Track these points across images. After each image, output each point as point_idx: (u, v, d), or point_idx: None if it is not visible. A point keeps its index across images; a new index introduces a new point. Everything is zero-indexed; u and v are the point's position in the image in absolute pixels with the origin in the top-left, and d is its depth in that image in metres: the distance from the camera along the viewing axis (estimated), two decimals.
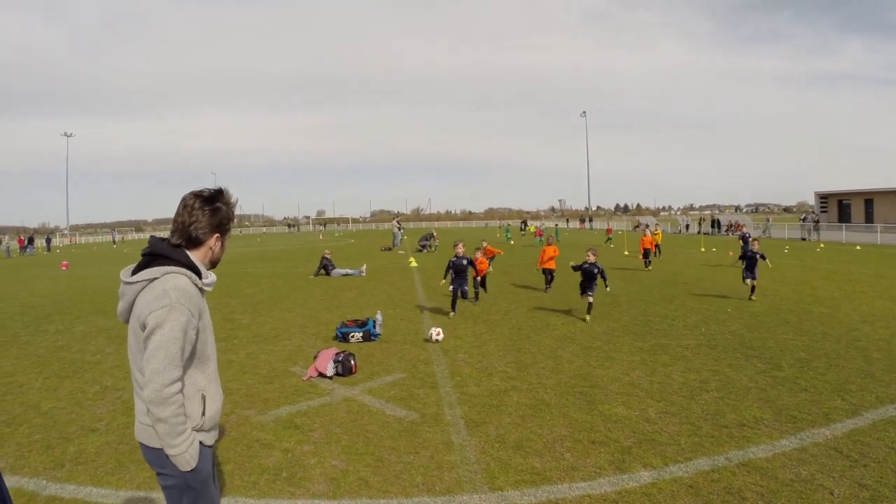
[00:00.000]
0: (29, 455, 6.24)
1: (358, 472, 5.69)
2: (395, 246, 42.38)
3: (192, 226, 3.15)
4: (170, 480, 3.09)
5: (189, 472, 3.05)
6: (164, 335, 2.91)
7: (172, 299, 2.94)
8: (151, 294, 2.97)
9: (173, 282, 2.99)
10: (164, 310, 2.92)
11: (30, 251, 58.61)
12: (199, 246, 3.21)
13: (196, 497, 3.14)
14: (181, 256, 3.12)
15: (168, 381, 2.91)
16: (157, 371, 2.89)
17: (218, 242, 3.28)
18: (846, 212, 59.91)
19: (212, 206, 3.20)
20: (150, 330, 2.92)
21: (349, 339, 11.32)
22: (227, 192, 3.32)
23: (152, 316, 2.92)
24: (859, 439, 6.07)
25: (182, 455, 2.99)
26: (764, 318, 12.62)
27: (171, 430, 2.94)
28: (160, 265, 3.06)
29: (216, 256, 3.32)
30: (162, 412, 2.91)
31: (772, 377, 8.29)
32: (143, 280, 3.04)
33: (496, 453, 6.04)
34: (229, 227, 3.33)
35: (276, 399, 7.93)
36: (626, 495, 5.11)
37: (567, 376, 8.67)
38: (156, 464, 3.11)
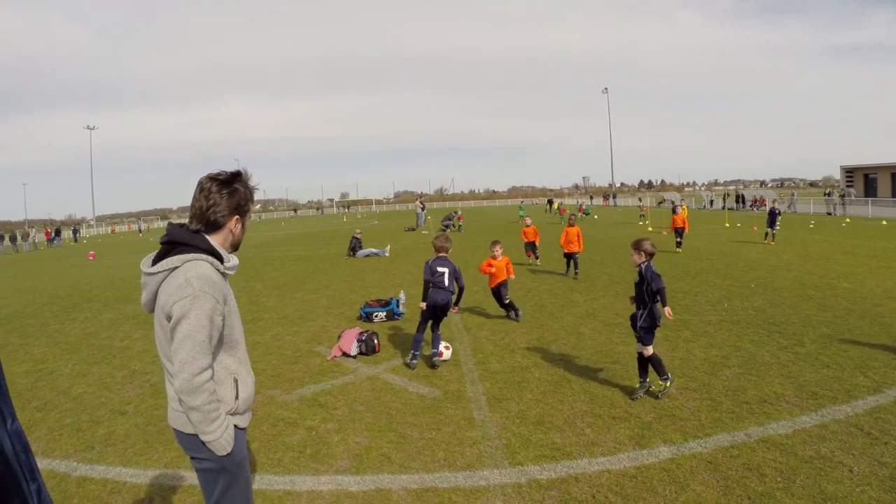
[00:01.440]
0: (60, 438, 6.40)
1: (380, 448, 5.79)
2: (418, 226, 42.52)
3: (211, 210, 3.10)
4: (205, 464, 3.10)
5: (225, 457, 3.07)
6: (190, 325, 2.88)
7: (196, 288, 2.90)
8: (174, 284, 2.94)
9: (195, 269, 2.96)
10: (189, 299, 2.88)
11: (57, 243, 59.36)
12: (218, 230, 3.16)
13: (232, 480, 3.16)
14: (201, 242, 3.07)
15: (198, 369, 2.89)
16: (186, 361, 2.87)
17: (238, 224, 3.22)
18: (872, 186, 58.90)
19: (229, 188, 3.14)
20: (177, 320, 2.89)
21: (373, 319, 11.43)
22: (245, 173, 3.26)
23: (177, 306, 2.89)
24: (881, 417, 6.03)
25: (218, 441, 2.99)
26: (787, 293, 12.52)
27: (205, 417, 2.94)
28: (180, 253, 3.02)
29: (237, 239, 3.27)
30: (194, 401, 2.90)
31: (794, 353, 8.25)
32: (164, 270, 3.01)
33: (517, 429, 6.11)
34: (248, 209, 3.27)
35: (301, 378, 8.05)
36: (645, 471, 5.15)
37: (589, 352, 8.70)
38: (190, 448, 3.12)
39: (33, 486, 2.94)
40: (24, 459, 2.94)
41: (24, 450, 2.96)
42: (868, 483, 4.76)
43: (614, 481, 5.00)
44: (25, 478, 2.91)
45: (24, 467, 2.92)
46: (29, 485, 2.92)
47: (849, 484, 4.76)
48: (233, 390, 3.13)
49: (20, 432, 2.95)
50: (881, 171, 58.18)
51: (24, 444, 2.97)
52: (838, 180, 72.01)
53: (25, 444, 2.98)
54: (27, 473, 2.92)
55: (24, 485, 2.90)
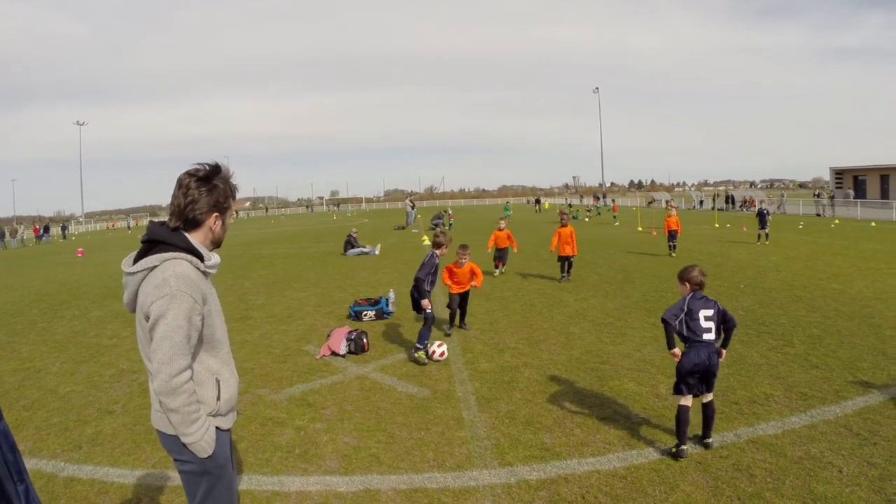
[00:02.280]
0: (47, 438, 6.35)
1: (369, 448, 5.77)
2: (408, 225, 42.53)
3: (189, 207, 3.03)
4: (187, 466, 3.04)
5: (206, 458, 3.00)
6: (167, 325, 2.82)
7: (173, 287, 2.84)
8: (152, 283, 2.88)
9: (173, 269, 2.89)
10: (166, 299, 2.82)
11: (45, 239, 59.05)
12: (198, 227, 3.09)
13: (214, 482, 3.09)
14: (180, 241, 3.00)
15: (176, 370, 2.82)
16: (163, 362, 2.81)
17: (218, 222, 3.15)
18: (861, 187, 59.26)
19: (208, 184, 3.07)
20: (154, 320, 2.84)
21: (362, 318, 11.41)
22: (225, 168, 3.19)
23: (154, 306, 2.83)
24: (870, 417, 6.05)
25: (198, 443, 2.93)
26: (776, 294, 12.56)
27: (184, 419, 2.88)
28: (159, 252, 2.94)
29: (217, 236, 3.20)
30: (173, 402, 2.84)
31: (783, 354, 8.28)
32: (143, 269, 2.93)
33: (506, 429, 6.10)
34: (229, 205, 3.20)
35: (290, 378, 8.02)
36: (634, 471, 5.15)
37: (578, 352, 8.70)
38: (173, 450, 3.05)
39: (21, 486, 2.92)
40: (12, 459, 2.91)
41: (11, 449, 2.93)
42: (857, 483, 4.77)
43: (604, 482, 4.99)
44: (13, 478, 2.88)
45: (12, 467, 2.89)
46: (16, 485, 2.89)
47: (838, 484, 4.77)
48: (214, 391, 3.07)
49: (7, 432, 2.92)
50: (870, 173, 58.54)
51: (10, 443, 2.94)
52: (827, 182, 72.40)
53: (12, 444, 2.95)
54: (14, 474, 2.89)
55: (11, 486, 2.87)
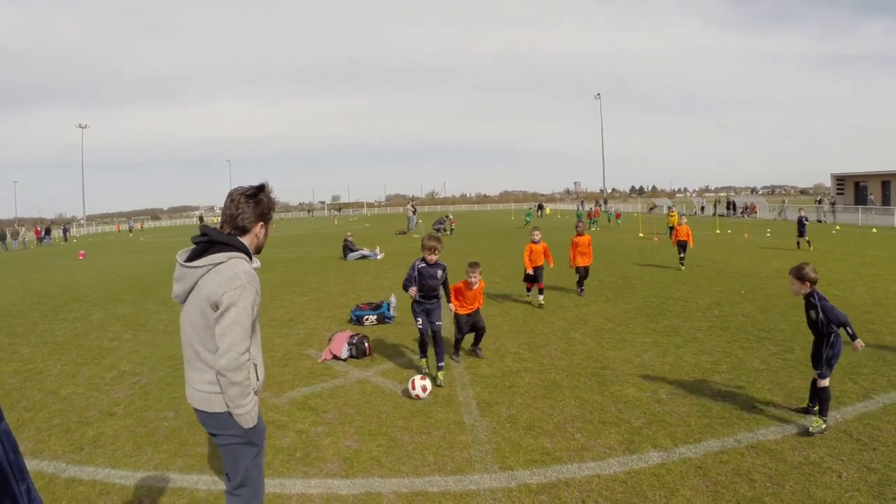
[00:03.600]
0: (49, 439, 6.37)
1: (370, 451, 5.78)
2: (410, 230, 42.49)
3: (239, 217, 3.56)
4: (232, 439, 3.54)
5: (250, 429, 3.53)
6: (238, 312, 3.33)
7: (243, 281, 3.37)
8: (222, 276, 3.36)
9: (241, 266, 3.43)
10: (238, 290, 3.34)
11: (47, 241, 59.05)
12: (246, 234, 3.61)
13: (255, 452, 3.64)
14: (238, 243, 3.53)
15: (243, 349, 3.35)
16: (234, 342, 3.31)
17: (262, 230, 3.68)
18: (863, 193, 59.25)
19: (255, 199, 3.59)
20: (226, 307, 3.32)
21: (363, 322, 11.42)
22: (268, 186, 3.68)
23: (227, 296, 3.32)
24: (869, 423, 6.07)
25: (249, 413, 3.45)
26: (777, 300, 12.57)
27: (243, 391, 3.39)
28: (219, 251, 3.45)
29: (261, 243, 3.72)
30: (237, 376, 3.33)
31: (783, 359, 8.29)
32: (208, 265, 3.41)
33: (507, 433, 6.11)
34: (271, 216, 3.73)
35: (291, 381, 8.03)
36: (635, 475, 5.16)
37: (579, 357, 8.71)
38: (218, 427, 3.53)
39: (23, 486, 2.93)
40: (14, 459, 2.93)
41: (14, 450, 2.95)
42: (857, 489, 4.78)
43: (604, 486, 5.00)
44: (15, 477, 2.90)
45: (14, 467, 2.90)
46: (19, 485, 2.91)
47: (837, 489, 4.78)
48: (255, 373, 3.58)
49: (9, 432, 2.93)
50: (871, 179, 58.52)
51: (13, 444, 2.96)
52: (829, 188, 72.41)
53: (14, 445, 2.97)
54: (17, 473, 2.91)
55: (14, 485, 2.89)
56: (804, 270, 6.33)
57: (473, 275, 8.89)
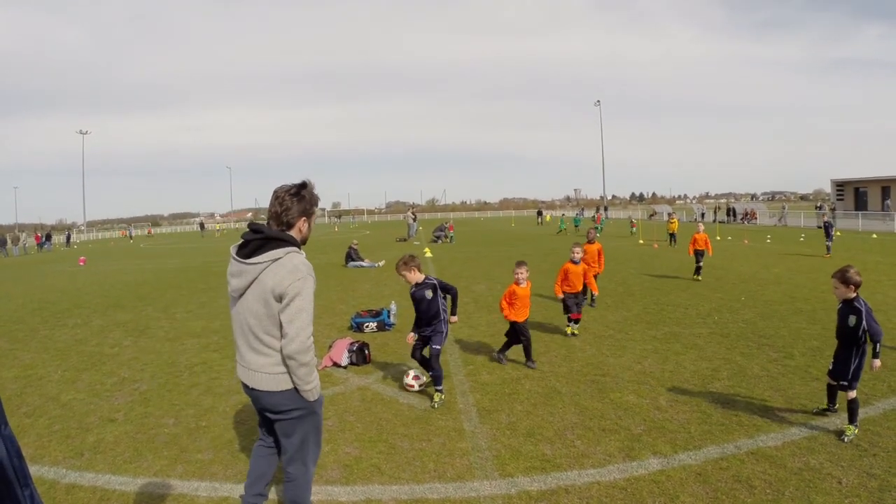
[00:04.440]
0: (49, 445, 6.37)
1: (371, 458, 5.79)
2: (410, 237, 42.49)
3: (284, 213, 3.87)
4: (296, 413, 3.91)
5: (315, 401, 3.93)
6: (304, 300, 3.68)
7: (304, 272, 3.70)
8: (284, 270, 3.68)
9: (299, 258, 3.76)
10: (301, 280, 3.67)
11: (47, 247, 59.06)
12: (291, 228, 3.90)
13: (318, 421, 4.08)
14: (291, 238, 3.84)
15: (310, 333, 3.71)
16: (302, 327, 3.66)
17: (305, 224, 3.98)
18: (863, 199, 59.30)
19: (298, 195, 3.89)
20: (292, 297, 3.65)
21: (364, 329, 11.43)
22: (309, 183, 3.98)
23: (292, 286, 3.65)
24: (869, 429, 6.07)
25: (315, 387, 3.85)
26: (777, 306, 12.58)
27: (310, 370, 3.77)
28: (278, 247, 3.74)
29: (305, 235, 4.01)
30: (306, 357, 3.70)
31: (783, 366, 8.29)
32: (268, 260, 3.71)
33: (507, 440, 6.11)
34: (314, 211, 4.04)
35: None
36: (635, 482, 5.16)
37: (579, 364, 8.71)
38: (284, 404, 3.88)
39: (26, 491, 2.95)
40: (18, 465, 2.94)
41: (17, 455, 2.97)
42: (857, 495, 4.78)
43: (604, 493, 5.00)
44: (19, 483, 2.92)
45: (18, 472, 2.92)
46: (23, 490, 2.92)
47: (837, 496, 4.78)
48: None
49: (13, 438, 2.95)
50: (871, 185, 58.61)
51: (16, 449, 2.98)
52: (829, 194, 72.45)
53: (18, 450, 2.99)
54: (21, 479, 2.92)
55: (18, 490, 2.90)
56: (849, 273, 6.21)
57: (519, 272, 8.67)
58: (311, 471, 4.19)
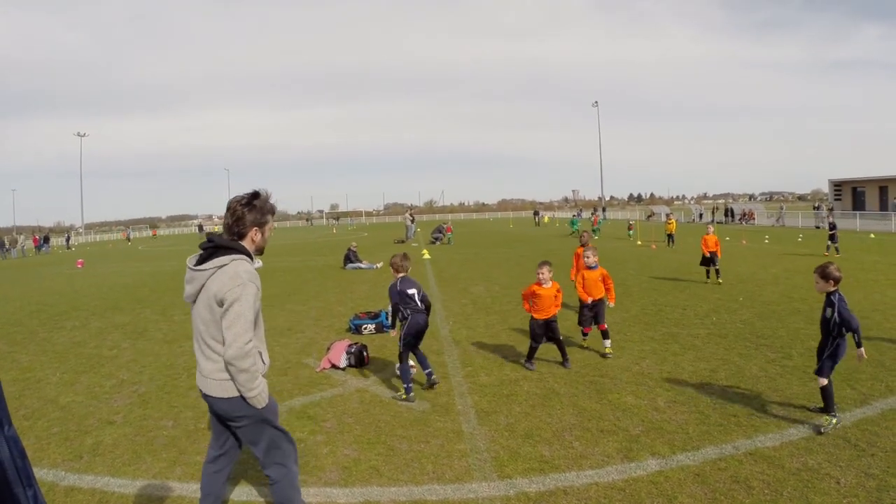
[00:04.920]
0: (48, 447, 6.37)
1: (369, 460, 5.79)
2: (408, 238, 42.54)
3: (236, 223, 3.95)
4: (247, 420, 3.93)
5: (264, 408, 3.91)
6: (242, 306, 3.72)
7: (244, 279, 3.75)
8: (226, 276, 3.75)
9: (242, 266, 3.80)
10: (240, 287, 3.73)
11: (45, 250, 59.03)
12: (242, 239, 3.98)
13: (271, 427, 4.03)
14: (239, 246, 3.91)
15: (247, 339, 3.72)
16: (239, 334, 3.70)
17: (258, 233, 4.03)
18: (860, 199, 59.39)
19: (249, 205, 3.96)
20: (231, 303, 3.71)
21: (362, 331, 11.43)
22: (263, 192, 4.06)
23: (230, 293, 3.71)
24: (867, 429, 6.09)
25: (260, 395, 3.85)
26: (775, 306, 12.59)
27: (251, 377, 3.77)
28: (223, 255, 3.83)
29: (259, 245, 4.07)
30: (244, 364, 3.71)
31: (781, 366, 8.30)
32: (214, 267, 3.80)
33: (506, 442, 6.12)
34: (267, 220, 4.08)
35: (290, 390, 8.04)
36: (633, 483, 5.17)
37: (577, 366, 8.72)
38: (232, 411, 3.90)
39: (30, 491, 2.97)
40: (21, 465, 2.96)
41: (21, 455, 2.99)
42: (855, 495, 4.79)
43: (602, 494, 5.01)
44: (22, 483, 2.94)
45: (21, 473, 2.94)
46: (26, 490, 2.94)
47: (836, 496, 4.79)
48: (260, 360, 3.93)
49: (16, 438, 2.97)
50: (868, 185, 58.72)
51: (20, 449, 3.00)
52: (826, 194, 72.56)
53: (21, 450, 3.01)
54: (24, 479, 2.94)
55: (21, 490, 2.92)
56: (829, 269, 6.57)
57: (541, 272, 8.49)
58: (294, 469, 4.19)
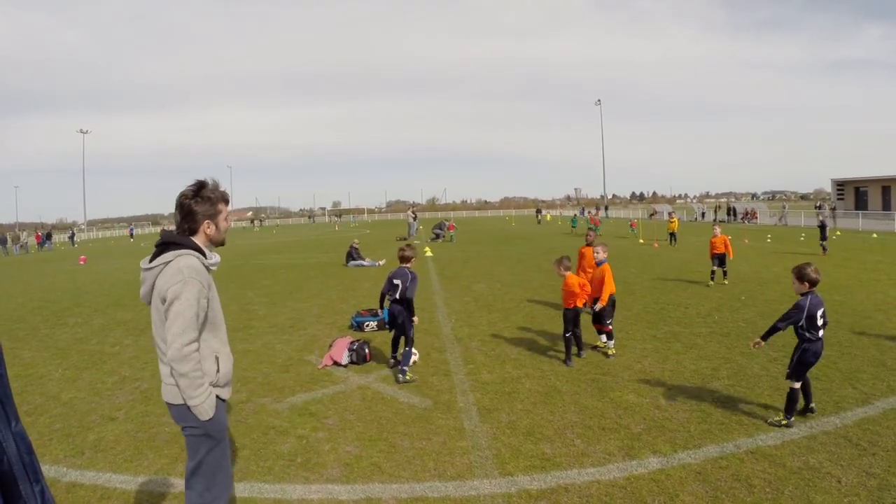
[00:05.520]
0: (50, 443, 6.39)
1: (371, 457, 5.80)
2: (410, 236, 42.52)
3: (185, 219, 3.74)
4: (192, 431, 3.64)
5: (208, 421, 3.60)
6: (181, 304, 3.48)
7: (186, 275, 3.51)
8: (169, 273, 3.55)
9: (185, 261, 3.57)
10: (180, 284, 3.50)
11: (48, 247, 59.06)
12: (195, 233, 3.77)
13: (214, 444, 3.70)
14: (188, 242, 3.69)
15: (186, 341, 3.47)
16: (177, 334, 3.46)
17: (211, 226, 3.80)
18: (863, 199, 59.31)
19: (197, 197, 3.74)
20: (170, 301, 3.50)
21: (364, 328, 11.43)
22: (211, 182, 3.82)
23: (170, 290, 3.50)
24: (869, 428, 6.09)
25: (202, 405, 3.54)
26: (777, 305, 12.57)
27: (192, 382, 3.49)
28: (171, 250, 3.63)
29: (215, 238, 3.85)
30: (182, 367, 3.46)
31: (783, 365, 8.23)
32: (160, 264, 3.60)
33: (507, 439, 6.13)
34: (219, 210, 3.83)
35: (292, 387, 8.05)
36: (634, 481, 5.17)
37: (579, 363, 8.72)
38: (180, 418, 3.65)
39: (37, 487, 2.99)
40: (28, 461, 2.98)
41: (28, 451, 3.01)
42: (856, 494, 4.79)
43: (604, 492, 5.01)
44: (29, 479, 2.95)
45: (28, 468, 2.96)
46: (33, 486, 2.96)
47: (837, 495, 4.79)
48: (215, 365, 3.70)
49: (24, 434, 2.99)
50: (871, 185, 58.62)
51: (27, 445, 3.01)
52: (829, 193, 72.48)
53: (29, 446, 3.03)
54: (31, 474, 2.96)
55: (29, 486, 2.93)
56: (804, 270, 6.47)
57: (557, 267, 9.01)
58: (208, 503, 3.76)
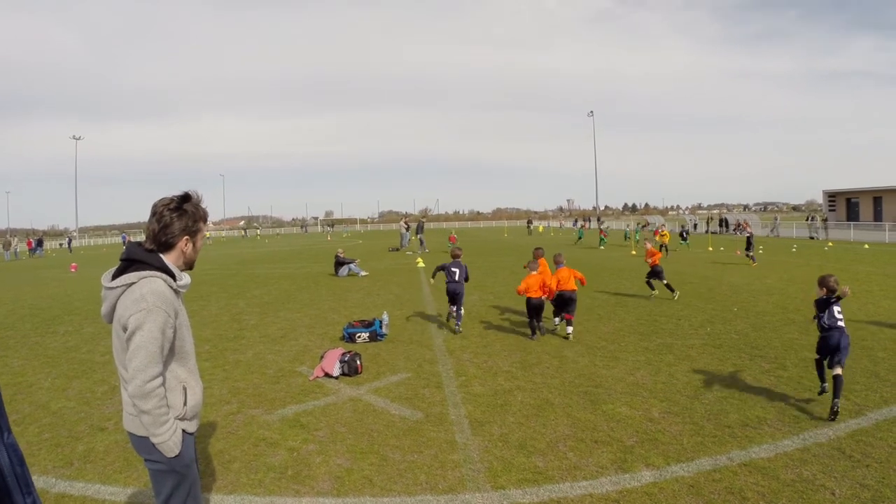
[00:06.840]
0: (38, 453, 6.32)
1: (362, 470, 5.75)
2: (402, 247, 42.43)
3: (162, 231, 3.33)
4: (156, 465, 3.33)
5: (173, 458, 3.30)
6: (143, 336, 3.13)
7: (150, 303, 3.15)
8: (130, 298, 3.18)
9: (149, 286, 3.19)
10: (143, 313, 3.13)
11: (39, 253, 58.86)
12: (170, 249, 3.39)
13: (180, 480, 3.38)
14: (156, 261, 3.30)
15: (149, 377, 3.15)
16: (139, 369, 3.13)
17: (189, 244, 3.45)
18: (854, 210, 59.62)
19: (178, 210, 3.37)
20: (131, 331, 3.15)
21: (355, 340, 11.38)
22: (195, 195, 3.48)
23: (132, 319, 3.14)
24: (862, 439, 6.08)
25: (166, 442, 3.24)
26: (770, 317, 12.61)
27: (155, 420, 3.20)
28: (137, 270, 3.25)
29: (189, 258, 3.50)
30: (145, 405, 3.17)
31: (776, 377, 8.30)
32: (122, 285, 3.23)
33: (499, 452, 6.09)
34: (199, 228, 3.49)
35: (283, 398, 8.00)
36: (627, 494, 5.15)
37: (571, 376, 8.70)
38: (143, 450, 3.34)
39: (28, 499, 2.95)
40: (20, 472, 2.94)
41: (20, 463, 2.97)
42: None
43: None
44: (21, 491, 2.92)
45: (20, 480, 2.92)
46: (25, 498, 2.92)
47: None
48: (182, 397, 3.39)
49: (15, 445, 2.95)
50: (863, 196, 58.94)
51: (19, 456, 2.98)
52: (821, 204, 72.82)
53: (20, 458, 2.99)
54: (23, 486, 2.92)
55: (20, 497, 2.90)
56: (825, 279, 7.33)
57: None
58: None
